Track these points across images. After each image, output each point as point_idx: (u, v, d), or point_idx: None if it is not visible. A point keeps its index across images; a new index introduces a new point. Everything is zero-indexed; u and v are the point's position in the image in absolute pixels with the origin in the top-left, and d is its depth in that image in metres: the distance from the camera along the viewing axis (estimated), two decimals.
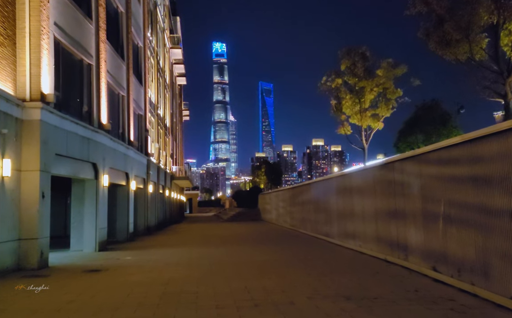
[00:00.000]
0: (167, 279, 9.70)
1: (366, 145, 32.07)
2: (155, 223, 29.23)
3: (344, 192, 15.65)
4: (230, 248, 16.45)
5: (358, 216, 14.11)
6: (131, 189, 21.39)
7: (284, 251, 14.96)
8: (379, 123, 32.05)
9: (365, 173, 13.53)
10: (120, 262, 13.15)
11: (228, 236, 22.79)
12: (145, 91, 26.35)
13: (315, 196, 20.61)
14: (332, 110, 33.78)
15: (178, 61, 46.07)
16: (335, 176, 17.17)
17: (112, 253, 15.50)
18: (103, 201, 16.81)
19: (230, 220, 43.21)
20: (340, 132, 33.85)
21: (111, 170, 18.09)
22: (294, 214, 26.54)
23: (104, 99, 17.14)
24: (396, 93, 30.79)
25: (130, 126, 21.76)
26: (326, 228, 18.50)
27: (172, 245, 18.31)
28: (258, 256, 13.81)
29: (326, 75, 32.99)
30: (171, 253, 15.14)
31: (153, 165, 28.58)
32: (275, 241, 19.09)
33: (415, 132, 27.50)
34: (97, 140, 16.20)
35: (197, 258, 13.67)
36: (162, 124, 35.22)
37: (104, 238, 16.94)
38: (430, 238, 8.99)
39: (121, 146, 19.56)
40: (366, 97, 31.39)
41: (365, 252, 13.28)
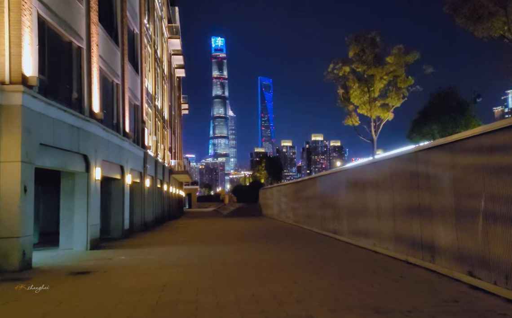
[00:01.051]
0: (162, 285, 8.53)
1: (375, 137, 30.36)
2: (153, 219, 28.05)
3: (356, 186, 14.47)
4: (232, 246, 15.29)
5: (371, 212, 12.94)
6: (126, 183, 20.19)
7: (291, 250, 13.80)
8: (389, 114, 30.24)
9: (380, 165, 12.34)
10: (112, 262, 11.97)
11: (229, 233, 21.62)
12: (141, 81, 25.09)
13: (322, 191, 19.43)
14: (339, 99, 32.24)
15: (176, 52, 44.70)
16: (345, 169, 15.99)
17: (105, 252, 14.32)
18: (95, 196, 15.61)
19: (230, 216, 42.06)
20: (347, 123, 32.11)
21: (104, 163, 16.88)
22: (298, 209, 25.38)
23: (96, 86, 15.90)
24: (408, 82, 29.07)
25: (125, 116, 20.52)
26: (334, 225, 17.34)
27: (170, 243, 17.14)
28: (263, 255, 12.64)
29: (333, 63, 31.27)
30: (168, 252, 13.97)
31: (150, 158, 27.37)
32: (279, 239, 17.93)
33: (430, 122, 25.81)
34: (89, 130, 14.97)
35: (197, 257, 12.50)
36: (160, 116, 33.95)
37: (97, 236, 15.76)
38: (465, 238, 7.81)
39: (115, 137, 18.33)
40: (375, 86, 29.83)
41: (380, 252, 12.12)
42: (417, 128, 27.04)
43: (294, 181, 27.72)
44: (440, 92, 27.06)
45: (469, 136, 7.67)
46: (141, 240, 18.76)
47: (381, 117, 30.41)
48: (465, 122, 24.30)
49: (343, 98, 31.29)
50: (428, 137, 25.12)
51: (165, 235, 21.39)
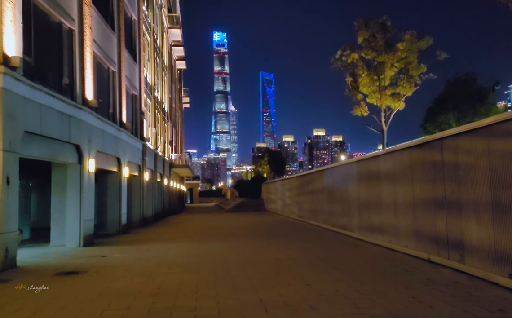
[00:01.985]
0: (157, 287, 7.54)
1: (385, 127, 28.92)
2: (152, 213, 27.10)
3: (369, 179, 13.44)
4: (235, 243, 14.30)
5: (387, 206, 11.91)
6: (123, 176, 19.20)
7: (299, 247, 12.79)
8: (399, 103, 28.72)
9: (398, 155, 11.29)
10: (105, 261, 11.00)
11: (231, 229, 20.64)
12: (140, 70, 24.03)
13: (330, 184, 18.41)
14: (347, 88, 30.69)
15: (177, 42, 43.55)
16: (357, 161, 14.94)
17: (99, 249, 13.36)
18: (89, 189, 14.62)
19: (232, 211, 41.08)
20: (355, 114, 30.47)
21: (99, 154, 15.89)
22: (303, 204, 24.38)
23: (90, 72, 14.87)
24: (420, 69, 27.54)
25: (122, 106, 19.49)
26: (343, 220, 16.33)
27: (168, 239, 16.17)
28: (268, 253, 11.64)
29: (340, 50, 29.89)
30: (166, 249, 12.99)
31: (149, 151, 26.37)
32: (285, 235, 16.94)
33: (446, 110, 24.47)
34: (81, 118, 13.96)
35: (197, 255, 11.51)
36: (160, 108, 32.91)
37: (91, 232, 14.78)
38: (505, 235, 6.79)
39: (111, 128, 17.32)
40: (386, 74, 28.16)
41: (397, 250, 11.10)
42: (431, 117, 25.71)
43: (299, 174, 26.67)
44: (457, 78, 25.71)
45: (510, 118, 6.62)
46: (139, 236, 17.80)
47: (392, 107, 28.74)
48: (484, 110, 22.90)
49: (351, 87, 29.68)
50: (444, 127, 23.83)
51: (164, 230, 20.42)
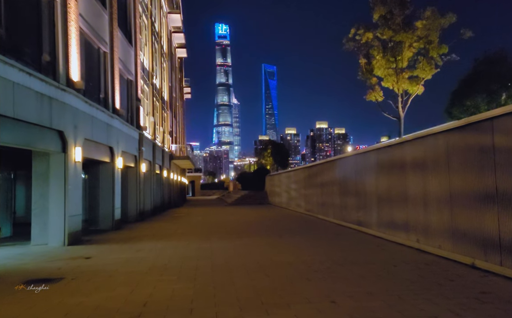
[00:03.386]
0: (142, 303, 6.00)
1: (402, 113, 26.91)
2: (151, 208, 25.59)
3: (391, 169, 11.83)
4: (238, 241, 12.75)
5: (414, 199, 10.32)
6: (117, 168, 17.64)
7: (312, 247, 11.23)
8: (418, 87, 26.22)
9: (431, 141, 9.67)
10: (89, 264, 9.47)
11: (234, 224, 19.10)
12: (135, 53, 22.38)
13: (342, 175, 16.81)
14: (360, 72, 28.17)
15: (177, 29, 41.78)
16: (376, 149, 13.31)
17: (86, 249, 11.83)
18: (75, 180, 13.07)
19: (234, 204, 39.58)
20: (369, 99, 28.05)
21: (87, 143, 14.32)
22: (311, 197, 22.81)
23: (75, 50, 13.25)
24: (442, 49, 25.39)
25: (115, 90, 17.88)
26: (358, 215, 14.75)
27: (165, 236, 14.65)
28: (277, 255, 10.09)
29: (354, 28, 27.75)
30: (161, 249, 11.46)
31: (147, 141, 24.79)
32: (293, 231, 15.38)
33: (474, 92, 22.47)
34: (65, 101, 12.37)
35: (194, 257, 9.96)
36: (159, 96, 31.27)
37: (78, 228, 13.25)
38: None
39: (101, 114, 15.73)
40: (403, 55, 25.52)
41: (428, 251, 9.53)
42: (458, 101, 23.70)
43: (307, 165, 25.06)
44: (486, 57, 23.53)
45: None
46: (134, 232, 16.29)
47: (409, 91, 26.60)
48: None
49: (365, 70, 27.37)
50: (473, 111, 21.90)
51: (162, 226, 18.90)
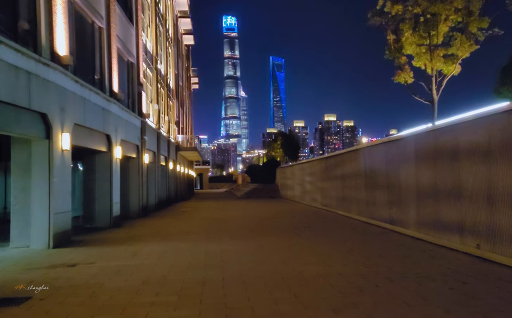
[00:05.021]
0: None
1: (436, 97, 24.29)
2: (155, 201, 23.80)
3: (437, 157, 9.78)
4: (252, 243, 10.83)
5: (473, 195, 8.29)
6: (115, 158, 15.79)
7: (342, 252, 9.25)
8: (455, 66, 23.26)
9: (497, 121, 7.60)
10: (69, 275, 7.62)
11: (246, 220, 17.20)
12: (137, 33, 20.45)
13: (369, 166, 14.79)
14: (388, 50, 25.12)
15: (183, 14, 39.74)
16: (416, 135, 11.24)
17: (73, 252, 10.01)
18: (62, 172, 11.23)
19: (244, 198, 37.71)
20: (398, 81, 25.06)
21: (78, 128, 12.46)
22: (329, 191, 20.81)
23: (61, 19, 11.34)
24: (483, 22, 22.68)
25: (113, 71, 15.98)
26: (390, 212, 12.74)
27: (168, 236, 12.79)
28: (302, 262, 8.14)
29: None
30: (161, 254, 9.59)
31: (151, 130, 22.94)
32: (314, 229, 13.42)
33: None
34: (48, 79, 10.49)
35: (201, 265, 8.07)
36: (164, 83, 29.36)
37: (66, 227, 11.42)
38: None
39: (96, 96, 13.84)
40: (439, 29, 22.79)
41: (494, 260, 7.52)
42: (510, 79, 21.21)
43: (324, 156, 23.04)
44: None
45: None
46: (134, 230, 14.46)
47: (444, 72, 23.72)
48: None
49: (393, 48, 24.54)
50: None
51: (166, 223, 17.07)
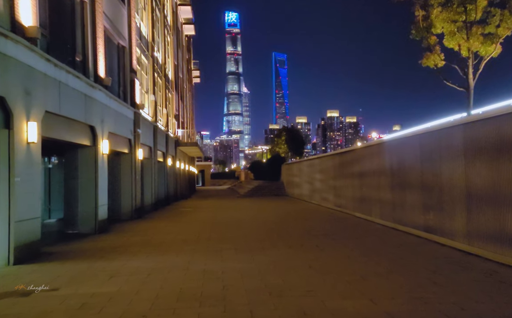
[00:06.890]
0: None
1: (472, 82, 20.51)
2: (152, 201, 21.74)
3: (494, 151, 7.61)
4: (262, 258, 8.70)
5: None
6: (101, 153, 13.69)
7: (382, 275, 7.11)
8: (495, 46, 20.08)
9: None
10: (16, 311, 5.54)
11: (252, 224, 15.07)
12: (129, 14, 18.29)
13: (396, 163, 12.63)
14: (415, 28, 21.73)
15: (183, 1, 37.55)
16: (464, 123, 9.04)
17: (36, 271, 7.92)
18: (28, 170, 9.13)
19: (248, 196, 35.57)
20: (426, 64, 21.87)
21: (49, 117, 10.34)
22: (344, 190, 18.67)
23: None
24: None
25: (98, 53, 13.85)
26: (427, 218, 10.58)
27: (160, 246, 10.68)
28: (333, 293, 6.02)
29: None
30: (147, 274, 7.48)
31: (146, 122, 20.82)
32: (333, 237, 11.27)
33: None
34: (5, 52, 8.37)
35: (195, 297, 5.95)
36: (162, 73, 27.21)
37: (33, 238, 9.32)
38: None
39: (75, 80, 11.71)
40: (477, 4, 19.49)
41: None
42: None
43: (337, 152, 20.87)
44: None
45: None
46: (121, 237, 12.38)
47: (480, 53, 20.46)
48: None
49: (422, 26, 21.26)
50: None
51: (161, 227, 14.98)
